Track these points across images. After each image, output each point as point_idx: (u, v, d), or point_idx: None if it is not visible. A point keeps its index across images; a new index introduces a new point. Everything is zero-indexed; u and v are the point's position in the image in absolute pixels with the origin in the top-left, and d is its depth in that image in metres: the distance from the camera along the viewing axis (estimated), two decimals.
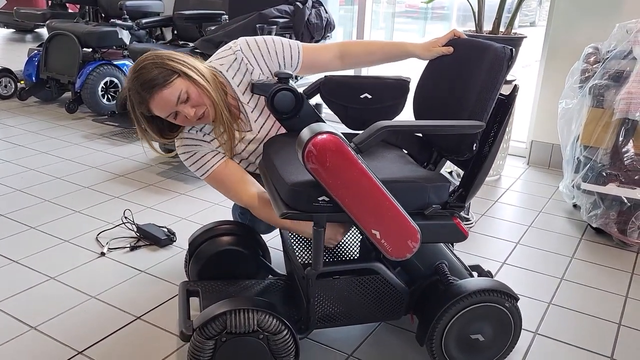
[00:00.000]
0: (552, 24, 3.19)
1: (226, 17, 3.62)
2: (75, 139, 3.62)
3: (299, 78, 3.35)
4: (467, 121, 1.45)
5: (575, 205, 2.77)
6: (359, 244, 1.91)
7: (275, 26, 3.04)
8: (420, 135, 1.73)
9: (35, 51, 4.40)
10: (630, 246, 2.43)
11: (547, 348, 1.77)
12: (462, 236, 1.48)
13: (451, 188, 1.51)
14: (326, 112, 1.91)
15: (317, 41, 3.35)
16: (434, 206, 1.44)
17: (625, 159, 2.38)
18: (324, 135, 1.26)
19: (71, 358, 1.64)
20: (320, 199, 1.34)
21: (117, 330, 1.77)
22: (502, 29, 3.04)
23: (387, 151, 1.68)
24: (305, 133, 1.29)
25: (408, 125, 1.42)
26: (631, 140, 2.37)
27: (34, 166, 3.12)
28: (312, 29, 3.22)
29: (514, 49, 1.48)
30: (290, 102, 1.68)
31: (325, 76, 1.76)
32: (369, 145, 1.31)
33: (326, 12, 3.31)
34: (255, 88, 1.69)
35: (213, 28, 3.28)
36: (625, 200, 2.36)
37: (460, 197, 1.52)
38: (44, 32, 7.77)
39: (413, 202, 1.43)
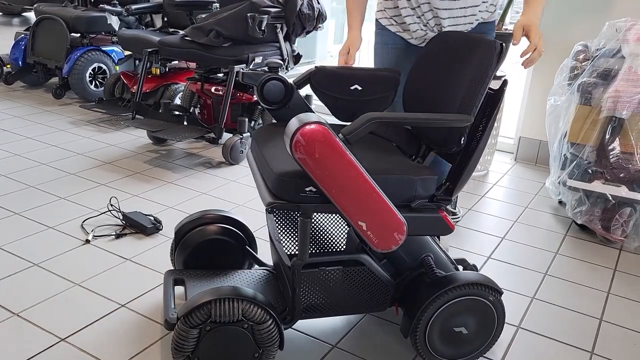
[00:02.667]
0: (543, 21, 3.19)
1: (217, 5, 3.60)
2: (62, 125, 3.58)
3: (289, 69, 3.34)
4: (455, 115, 1.45)
5: (560, 202, 2.79)
6: (345, 235, 1.91)
7: (266, 15, 3.02)
8: (409, 128, 1.73)
9: (22, 35, 4.34)
10: (613, 243, 2.45)
11: (530, 342, 1.79)
12: (448, 229, 1.49)
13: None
14: (316, 103, 1.90)
15: (308, 32, 3.34)
16: (420, 199, 1.44)
17: (611, 157, 2.40)
18: (312, 126, 1.26)
19: (53, 345, 1.63)
20: (307, 189, 1.34)
21: (100, 318, 1.76)
22: None
23: (376, 143, 1.68)
24: (294, 123, 1.28)
25: (396, 118, 1.42)
26: (617, 138, 2.39)
27: (19, 152, 3.09)
28: (303, 19, 3.20)
29: (504, 44, 1.48)
30: (280, 92, 1.67)
31: (315, 67, 1.75)
32: (357, 137, 1.31)
33: (318, 3, 3.29)
34: (245, 77, 1.68)
35: (204, 16, 3.26)
36: (610, 198, 2.39)
37: (447, 191, 1.53)
38: (31, 15, 7.66)
39: (400, 195, 1.43)
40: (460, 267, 1.80)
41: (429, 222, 1.47)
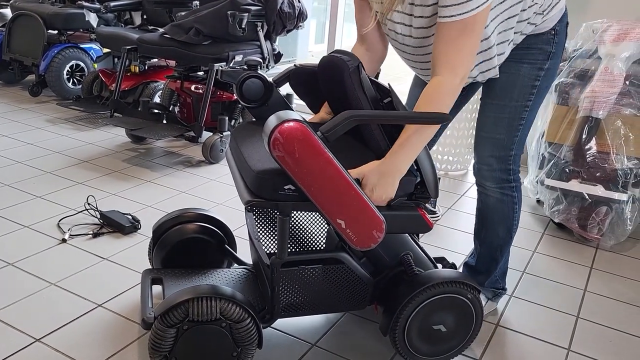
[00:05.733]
0: None
1: (197, 2, 3.57)
2: (39, 123, 3.53)
3: (269, 67, 3.33)
4: (432, 112, 1.45)
5: (538, 201, 2.82)
6: (325, 234, 1.91)
7: (247, 13, 3.00)
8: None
9: None
10: (589, 241, 2.49)
11: (508, 339, 1.80)
12: (426, 227, 1.49)
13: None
14: (297, 102, 1.89)
15: (289, 30, 3.33)
16: (399, 197, 1.45)
17: (587, 156, 2.43)
18: (291, 123, 1.25)
19: (28, 345, 1.60)
20: (286, 187, 1.33)
21: (76, 318, 1.73)
22: None
23: (355, 141, 1.67)
24: (272, 120, 1.27)
25: (375, 116, 1.41)
26: (594, 138, 2.42)
27: None
28: (284, 17, 3.19)
29: (360, 64, 1.46)
30: (259, 90, 1.66)
31: (295, 65, 1.74)
32: (336, 134, 1.31)
33: (299, 2, 3.29)
34: (223, 75, 1.67)
35: (183, 13, 3.23)
36: (587, 197, 2.42)
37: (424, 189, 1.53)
38: (7, 12, 7.53)
39: None
40: (439, 265, 1.81)
41: (408, 220, 1.47)
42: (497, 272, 1.90)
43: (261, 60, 1.69)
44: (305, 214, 1.91)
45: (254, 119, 1.76)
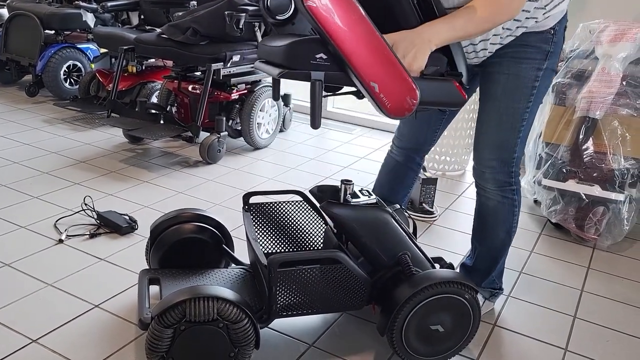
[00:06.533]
0: None
1: (194, 2, 3.57)
2: (35, 123, 3.52)
3: None
4: None
5: (536, 201, 2.82)
6: (322, 234, 1.91)
7: (244, 13, 3.00)
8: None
9: None
10: (586, 241, 2.49)
11: (505, 339, 1.80)
12: (460, 98, 1.44)
13: None
14: (295, 102, 1.87)
15: None
16: (432, 70, 1.41)
17: (584, 157, 2.43)
18: None
19: (25, 346, 1.59)
20: (317, 56, 1.30)
21: (73, 319, 1.73)
22: None
23: (387, 21, 1.62)
24: None
25: None
26: (591, 138, 2.43)
27: None
28: None
29: None
30: (286, 4, 1.61)
31: None
32: None
33: None
34: None
35: (181, 13, 3.22)
36: (584, 197, 2.42)
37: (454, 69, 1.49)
38: (4, 12, 7.51)
39: None
40: (437, 266, 1.81)
41: (442, 90, 1.42)
42: (495, 272, 1.90)
43: None
44: (304, 215, 1.90)
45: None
